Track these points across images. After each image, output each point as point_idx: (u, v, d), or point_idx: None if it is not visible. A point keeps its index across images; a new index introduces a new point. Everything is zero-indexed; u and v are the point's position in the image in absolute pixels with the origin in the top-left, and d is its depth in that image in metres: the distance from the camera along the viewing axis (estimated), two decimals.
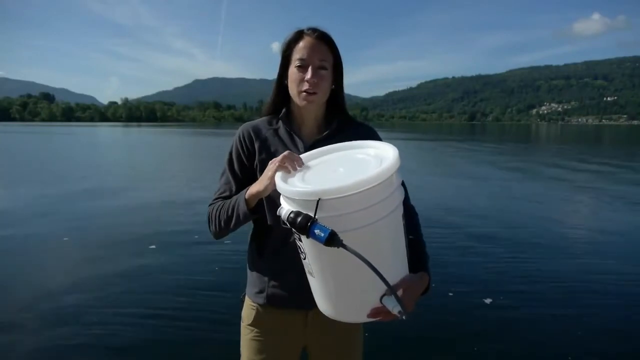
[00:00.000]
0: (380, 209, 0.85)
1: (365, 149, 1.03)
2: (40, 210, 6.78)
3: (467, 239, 5.28)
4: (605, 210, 7.35)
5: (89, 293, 3.56)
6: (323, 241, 0.78)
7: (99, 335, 2.87)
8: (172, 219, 6.26)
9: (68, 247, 4.96)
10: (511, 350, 2.75)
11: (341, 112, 1.27)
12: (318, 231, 0.78)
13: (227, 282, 3.75)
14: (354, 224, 0.83)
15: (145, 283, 3.81)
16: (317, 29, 1.16)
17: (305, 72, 1.13)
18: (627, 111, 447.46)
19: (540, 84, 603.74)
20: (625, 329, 3.04)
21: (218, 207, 1.20)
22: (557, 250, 4.91)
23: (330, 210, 0.81)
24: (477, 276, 4.04)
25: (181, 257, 4.50)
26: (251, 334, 1.28)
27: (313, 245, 0.87)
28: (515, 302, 3.44)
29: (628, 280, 3.94)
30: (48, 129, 60.67)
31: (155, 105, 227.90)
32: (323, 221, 0.80)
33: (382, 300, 0.90)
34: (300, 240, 0.92)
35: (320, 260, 0.91)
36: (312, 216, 0.80)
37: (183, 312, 3.22)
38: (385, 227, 0.88)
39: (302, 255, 0.95)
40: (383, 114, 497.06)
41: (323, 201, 0.80)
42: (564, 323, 3.11)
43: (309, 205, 0.81)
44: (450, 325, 3.05)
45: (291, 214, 0.82)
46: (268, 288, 1.24)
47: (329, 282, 0.93)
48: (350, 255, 0.78)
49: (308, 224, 0.79)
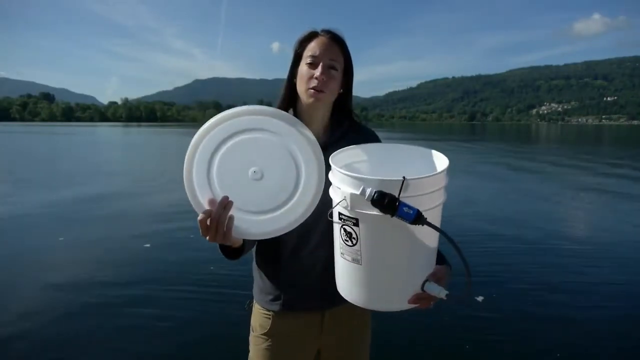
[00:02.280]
0: (441, 195, 0.93)
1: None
2: (37, 210, 6.76)
3: (459, 237, 5.26)
4: (601, 209, 7.36)
5: (84, 293, 3.52)
6: (412, 219, 0.81)
7: (92, 335, 2.84)
8: (168, 219, 6.25)
9: (63, 246, 4.94)
10: (503, 347, 2.78)
11: (348, 116, 1.28)
12: (407, 209, 0.81)
13: (225, 281, 3.74)
14: (428, 204, 0.87)
15: (143, 282, 3.76)
16: (331, 30, 1.17)
17: (316, 69, 1.13)
18: (627, 111, 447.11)
19: (540, 84, 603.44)
20: (616, 328, 3.04)
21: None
22: (548, 248, 4.92)
23: (409, 192, 0.85)
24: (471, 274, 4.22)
25: (177, 258, 4.48)
26: (264, 344, 1.25)
27: (373, 230, 0.88)
28: (507, 300, 3.48)
29: (622, 278, 3.96)
30: (48, 129, 60.65)
31: (155, 105, 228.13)
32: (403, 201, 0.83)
33: (424, 287, 0.93)
34: (356, 226, 0.90)
35: (377, 246, 0.91)
36: (397, 196, 0.82)
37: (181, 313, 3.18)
38: (440, 212, 0.96)
39: (351, 241, 0.93)
40: (383, 114, 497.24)
41: (406, 182, 0.83)
42: (556, 320, 3.13)
43: (387, 186, 0.83)
44: (442, 323, 3.06)
45: (376, 194, 0.82)
46: (284, 294, 1.22)
47: (379, 269, 0.94)
48: (406, 240, 0.85)
49: (396, 203, 0.81)
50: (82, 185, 9.38)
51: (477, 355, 2.70)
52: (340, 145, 1.13)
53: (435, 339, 2.89)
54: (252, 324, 1.29)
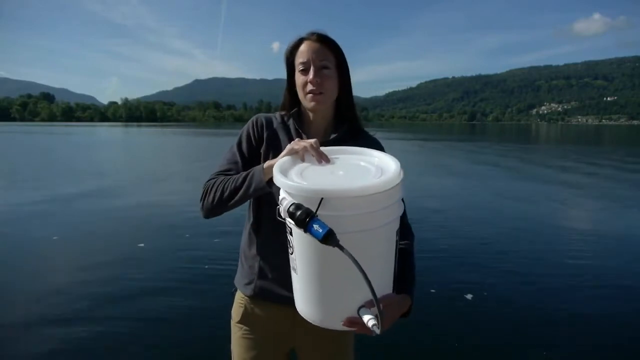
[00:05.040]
0: (379, 218, 0.85)
1: (369, 157, 1.02)
2: (33, 209, 6.74)
3: (448, 235, 5.33)
4: (590, 207, 7.36)
5: (80, 293, 3.50)
6: (320, 237, 0.77)
7: (88, 335, 2.83)
8: (164, 218, 6.22)
9: (57, 246, 4.91)
10: (493, 344, 2.80)
11: (351, 117, 1.26)
12: (317, 226, 0.77)
13: (218, 278, 3.74)
14: (351, 227, 0.82)
15: (139, 282, 3.75)
16: (316, 32, 1.17)
17: (308, 74, 1.15)
18: (627, 111, 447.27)
19: (540, 84, 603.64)
20: (606, 322, 3.10)
21: (222, 179, 1.15)
22: (538, 246, 4.95)
23: (331, 210, 0.81)
24: (458, 272, 4.06)
25: (173, 255, 4.50)
26: (240, 332, 1.28)
27: (304, 241, 0.86)
28: (496, 298, 3.49)
29: (613, 275, 4.02)
30: (48, 129, 60.64)
31: (155, 105, 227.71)
32: (322, 219, 0.79)
33: (359, 312, 0.88)
34: (290, 234, 0.91)
35: (307, 258, 0.89)
36: (313, 211, 0.79)
37: (174, 312, 3.17)
38: (380, 237, 0.88)
39: (290, 249, 0.94)
40: (383, 114, 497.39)
41: (324, 200, 0.80)
42: (544, 317, 3.16)
43: (309, 202, 0.81)
44: (432, 321, 3.06)
45: (292, 206, 0.81)
46: (257, 279, 1.24)
47: (312, 281, 0.92)
48: (339, 258, 0.77)
49: (307, 218, 0.79)
50: (80, 184, 9.34)
51: (466, 353, 2.70)
52: (343, 145, 1.12)
53: (424, 337, 2.86)
54: (232, 313, 1.33)
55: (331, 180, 0.91)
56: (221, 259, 4.25)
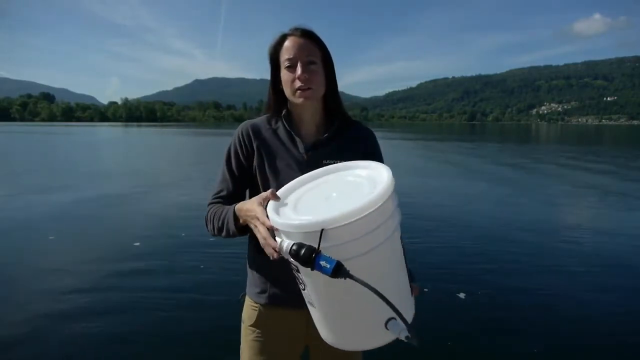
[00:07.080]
0: (382, 232, 0.81)
1: (355, 170, 0.99)
2: (30, 208, 6.73)
3: (442, 234, 5.33)
4: (589, 206, 7.34)
5: (78, 292, 3.47)
6: (330, 272, 0.74)
7: (83, 332, 2.82)
8: (164, 218, 6.20)
9: (53, 246, 4.89)
10: (486, 342, 2.80)
11: (339, 111, 1.25)
12: (324, 263, 0.74)
13: (225, 282, 3.68)
14: (358, 250, 0.79)
15: (138, 282, 3.73)
16: (300, 27, 1.15)
17: (295, 71, 1.13)
18: (627, 111, 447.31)
19: (540, 84, 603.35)
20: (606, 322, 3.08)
21: (213, 212, 1.17)
22: (533, 245, 4.95)
23: (333, 240, 0.77)
24: (451, 271, 4.04)
25: (174, 257, 4.45)
26: (252, 335, 1.26)
27: (313, 277, 0.82)
28: (489, 296, 3.49)
29: (613, 274, 4.01)
30: (48, 129, 60.61)
31: (155, 105, 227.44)
32: (326, 251, 0.76)
33: (387, 326, 0.85)
34: (298, 272, 0.87)
35: (322, 293, 0.87)
36: (316, 248, 0.76)
37: (179, 313, 3.14)
38: (388, 249, 0.85)
39: (302, 286, 0.91)
40: (383, 114, 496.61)
41: (324, 231, 0.76)
42: (537, 315, 3.17)
43: (309, 237, 0.77)
44: (426, 320, 3.02)
45: (293, 247, 0.78)
46: (270, 288, 1.23)
47: (332, 312, 0.90)
48: (353, 284, 0.74)
49: (312, 255, 0.75)
50: (79, 185, 9.33)
51: (459, 352, 2.70)
52: (332, 145, 1.14)
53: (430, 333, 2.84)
54: (242, 316, 1.32)
55: (326, 207, 0.87)
56: (220, 259, 4.22)
